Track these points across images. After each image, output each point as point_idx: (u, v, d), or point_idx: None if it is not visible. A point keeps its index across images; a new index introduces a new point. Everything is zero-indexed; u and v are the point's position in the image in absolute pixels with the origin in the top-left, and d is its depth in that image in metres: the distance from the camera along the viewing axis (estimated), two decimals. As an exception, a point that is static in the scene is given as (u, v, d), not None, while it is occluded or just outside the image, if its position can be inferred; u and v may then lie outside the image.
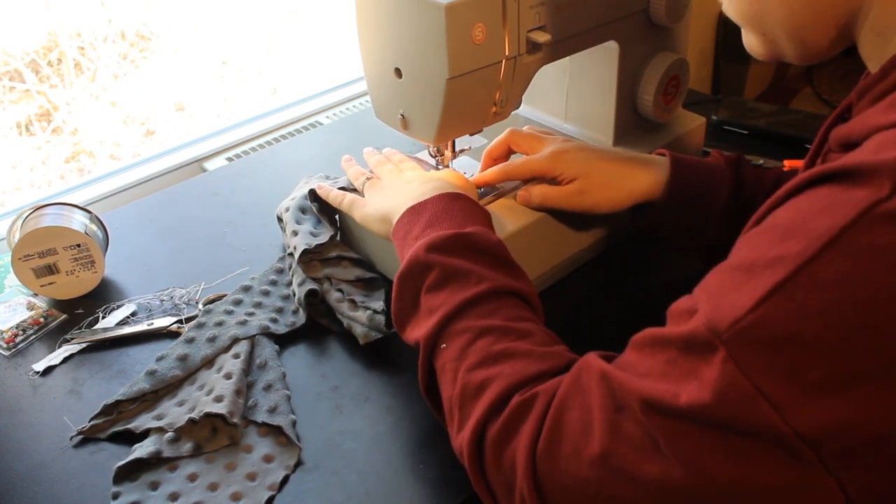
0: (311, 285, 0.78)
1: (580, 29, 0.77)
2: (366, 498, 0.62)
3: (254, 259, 0.88)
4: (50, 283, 0.82)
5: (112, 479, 0.63)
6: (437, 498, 0.62)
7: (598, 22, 0.78)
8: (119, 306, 0.82)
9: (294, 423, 0.67)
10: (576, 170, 0.74)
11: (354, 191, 0.81)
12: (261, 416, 0.67)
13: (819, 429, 0.37)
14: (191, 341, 0.74)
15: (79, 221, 0.83)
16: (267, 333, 0.76)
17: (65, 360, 0.76)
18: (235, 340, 0.74)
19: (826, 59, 0.50)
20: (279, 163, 1.09)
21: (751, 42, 0.53)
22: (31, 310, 0.82)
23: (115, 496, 0.62)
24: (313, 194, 0.84)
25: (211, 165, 1.21)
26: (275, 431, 0.67)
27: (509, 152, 0.81)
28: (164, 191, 1.04)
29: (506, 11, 0.68)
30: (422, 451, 0.66)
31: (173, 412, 0.68)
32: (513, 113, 0.80)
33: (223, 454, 0.65)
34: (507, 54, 0.70)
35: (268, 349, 0.74)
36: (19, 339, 0.78)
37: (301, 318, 0.78)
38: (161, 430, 0.66)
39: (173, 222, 0.96)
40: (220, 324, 0.76)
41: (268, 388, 0.70)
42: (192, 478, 0.63)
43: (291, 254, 0.82)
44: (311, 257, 0.80)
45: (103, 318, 0.80)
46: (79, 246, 0.81)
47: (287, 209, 0.86)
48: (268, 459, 0.64)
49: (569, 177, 0.74)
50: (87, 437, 0.67)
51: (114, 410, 0.69)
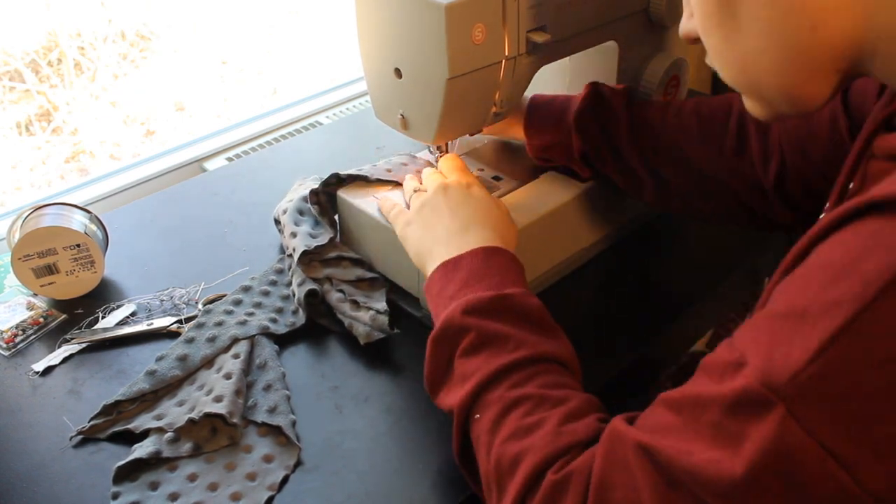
0: (310, 285, 0.78)
1: (580, 29, 0.77)
2: (366, 498, 0.62)
3: (254, 259, 0.88)
4: (50, 283, 0.82)
5: (112, 479, 0.63)
6: (437, 498, 0.62)
7: (597, 22, 0.78)
8: (119, 306, 0.82)
9: (294, 423, 0.67)
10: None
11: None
12: (260, 416, 0.67)
13: (893, 492, 0.34)
14: (190, 341, 0.75)
15: (79, 221, 0.83)
16: (267, 333, 0.76)
17: (65, 360, 0.76)
18: (235, 340, 0.74)
19: (828, 102, 0.48)
20: (279, 163, 1.09)
21: (750, 106, 0.51)
22: (31, 310, 0.82)
23: (115, 496, 0.62)
24: (313, 196, 0.84)
25: (211, 165, 1.21)
26: (274, 431, 0.67)
27: None
28: (164, 191, 1.04)
29: (506, 11, 0.68)
30: (422, 451, 0.66)
31: (173, 412, 0.68)
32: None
33: (223, 454, 0.65)
34: (507, 54, 0.70)
35: (267, 349, 0.74)
36: (19, 339, 0.78)
37: (301, 319, 0.78)
38: (161, 430, 0.66)
39: (173, 222, 0.96)
40: (219, 324, 0.76)
41: (267, 388, 0.70)
42: (192, 478, 0.63)
43: (291, 255, 0.82)
44: (310, 258, 0.80)
45: (103, 318, 0.80)
46: (79, 246, 0.81)
47: (284, 211, 0.86)
48: (267, 459, 0.64)
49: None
50: (87, 437, 0.67)
51: (113, 410, 0.69)
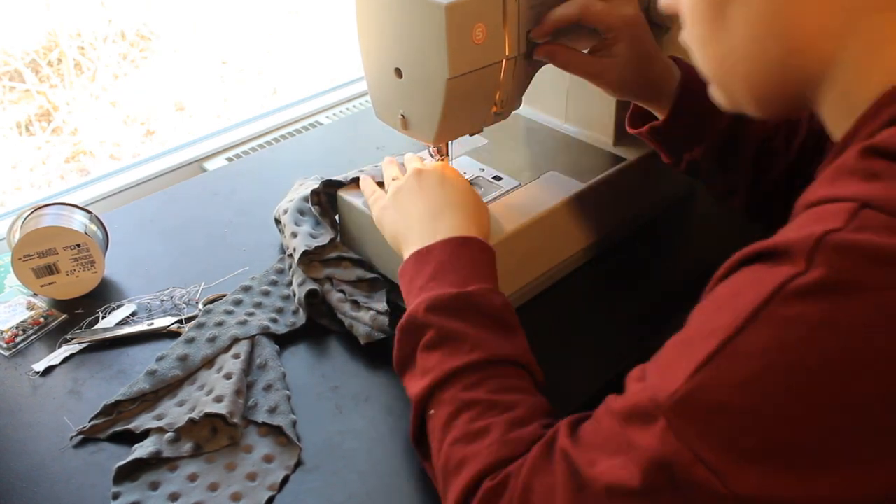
0: (311, 285, 0.78)
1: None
2: (366, 498, 0.62)
3: (254, 259, 0.88)
4: (50, 283, 0.82)
5: (112, 480, 0.63)
6: (438, 498, 0.62)
7: (598, 22, 0.78)
8: (119, 306, 0.82)
9: (294, 423, 0.67)
10: (622, 29, 0.71)
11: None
12: (261, 416, 0.67)
13: (758, 493, 0.38)
14: (191, 341, 0.74)
15: (79, 221, 0.83)
16: (267, 333, 0.76)
17: (65, 360, 0.76)
18: (235, 340, 0.74)
19: (782, 119, 0.53)
20: (279, 163, 1.09)
21: (716, 94, 0.55)
22: (31, 310, 0.82)
23: (116, 496, 0.62)
24: (314, 196, 0.84)
25: (211, 165, 1.21)
26: (275, 431, 0.67)
27: None
28: (164, 191, 1.04)
29: (506, 11, 0.68)
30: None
31: (173, 412, 0.68)
32: (513, 113, 0.80)
33: (223, 454, 0.65)
34: (507, 54, 0.70)
35: (268, 349, 0.74)
36: (19, 339, 0.78)
37: (301, 319, 0.78)
38: (161, 430, 0.66)
39: (173, 222, 0.96)
40: (220, 324, 0.76)
41: (268, 388, 0.70)
42: (193, 478, 0.63)
43: (291, 255, 0.82)
44: (311, 258, 0.80)
45: (103, 318, 0.80)
46: (79, 246, 0.81)
47: (285, 211, 0.86)
48: (268, 459, 0.64)
49: (615, 32, 0.71)
50: (87, 437, 0.67)
51: (114, 410, 0.69)
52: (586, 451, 0.46)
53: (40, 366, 0.75)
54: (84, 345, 0.77)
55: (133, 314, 0.81)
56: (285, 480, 0.63)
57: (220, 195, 1.01)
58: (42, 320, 0.81)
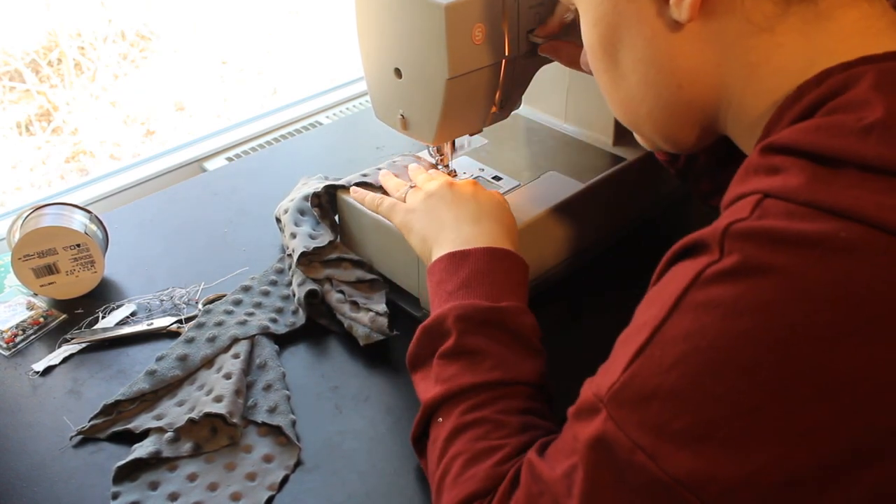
0: (311, 285, 0.78)
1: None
2: (366, 498, 0.62)
3: (254, 259, 0.88)
4: (50, 283, 0.82)
5: (112, 479, 0.63)
6: (437, 498, 0.62)
7: (598, 22, 0.78)
8: (119, 306, 0.82)
9: (294, 423, 0.67)
10: None
11: (374, 188, 0.81)
12: (260, 416, 0.67)
13: (692, 475, 0.39)
14: (190, 341, 0.74)
15: (79, 221, 0.83)
16: (266, 333, 0.76)
17: (64, 360, 0.76)
18: (235, 340, 0.74)
19: (699, 150, 0.57)
20: (279, 163, 1.09)
21: (637, 138, 0.61)
22: (31, 310, 0.82)
23: (115, 496, 0.62)
24: (315, 198, 0.84)
25: (211, 165, 1.21)
26: (274, 431, 0.67)
27: None
28: (164, 191, 1.04)
29: (506, 11, 0.68)
30: (422, 451, 0.66)
31: (173, 412, 0.68)
32: (513, 113, 0.80)
33: (223, 454, 0.65)
34: (507, 54, 0.71)
35: (267, 349, 0.74)
36: (19, 339, 0.78)
37: (301, 319, 0.78)
38: (161, 430, 0.66)
39: (173, 222, 0.96)
40: (219, 324, 0.76)
41: (267, 388, 0.70)
42: (192, 478, 0.63)
43: (291, 255, 0.82)
44: (310, 259, 0.80)
45: (103, 318, 0.80)
46: (79, 246, 0.81)
47: (286, 210, 0.86)
48: (267, 459, 0.64)
49: None
50: (87, 437, 0.67)
51: (113, 410, 0.69)
52: (548, 459, 0.48)
53: (40, 366, 0.75)
54: (84, 345, 0.77)
55: (133, 314, 0.81)
56: (285, 480, 0.63)
57: (220, 195, 1.01)
58: (42, 320, 0.81)
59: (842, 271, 0.38)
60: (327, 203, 0.85)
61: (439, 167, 0.83)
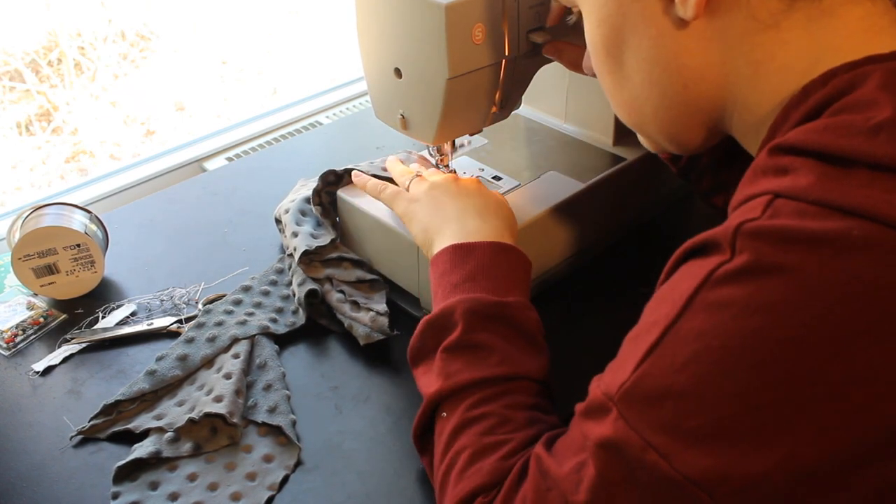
0: (311, 285, 0.78)
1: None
2: (366, 498, 0.62)
3: (254, 259, 0.88)
4: (50, 283, 0.82)
5: (112, 479, 0.63)
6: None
7: (598, 22, 0.78)
8: (119, 306, 0.82)
9: (294, 423, 0.67)
10: None
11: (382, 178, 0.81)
12: (261, 416, 0.67)
13: (705, 473, 0.39)
14: (190, 341, 0.74)
15: (79, 221, 0.83)
16: (266, 333, 0.76)
17: (65, 360, 0.76)
18: (235, 340, 0.74)
19: (703, 150, 0.57)
20: (279, 163, 1.09)
21: (642, 140, 0.61)
22: (31, 310, 0.82)
23: (115, 496, 0.62)
24: (316, 197, 0.84)
25: (211, 165, 1.21)
26: (275, 431, 0.67)
27: None
28: (164, 191, 1.04)
29: (506, 11, 0.68)
30: (422, 451, 0.66)
31: (173, 412, 0.68)
32: (513, 113, 0.80)
33: (223, 454, 0.65)
34: (507, 54, 0.70)
35: (267, 349, 0.74)
36: (19, 339, 0.78)
37: (301, 319, 0.78)
38: (161, 430, 0.66)
39: (173, 222, 0.96)
40: (219, 324, 0.76)
41: (267, 387, 0.70)
42: (192, 478, 0.63)
43: (291, 254, 0.82)
44: (311, 258, 0.80)
45: (103, 318, 0.80)
46: (79, 246, 0.81)
47: (286, 211, 0.86)
48: (268, 459, 0.64)
49: None
50: (87, 437, 0.67)
51: (113, 410, 0.69)
52: (556, 455, 0.48)
53: (40, 366, 0.75)
54: (84, 345, 0.77)
55: (133, 314, 0.81)
56: (285, 480, 0.63)
57: (220, 195, 1.01)
58: (42, 320, 0.81)
59: (854, 269, 0.38)
60: (329, 203, 0.85)
61: (440, 167, 0.83)
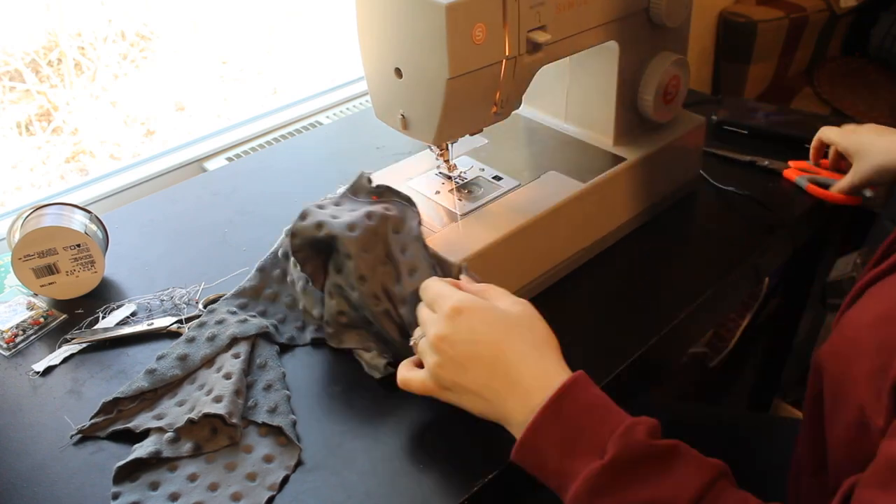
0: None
1: (580, 29, 0.77)
2: (366, 498, 0.62)
3: (254, 259, 0.88)
4: (50, 283, 0.82)
5: (112, 480, 0.63)
6: (437, 498, 0.62)
7: (598, 22, 0.78)
8: (119, 306, 0.82)
9: (294, 424, 0.67)
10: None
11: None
12: (261, 417, 0.67)
13: None
14: (191, 341, 0.74)
15: (79, 221, 0.83)
16: (266, 334, 0.76)
17: (65, 360, 0.76)
18: (235, 340, 0.74)
19: None
20: (279, 163, 1.09)
21: None
22: (31, 310, 0.82)
23: (115, 496, 0.62)
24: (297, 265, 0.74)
25: (211, 165, 1.21)
26: (275, 431, 0.67)
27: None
28: (164, 191, 1.04)
29: (506, 11, 0.68)
30: (422, 451, 0.66)
31: (173, 412, 0.68)
32: (513, 113, 0.80)
33: (223, 454, 0.65)
34: (507, 54, 0.70)
35: (268, 349, 0.74)
36: (19, 339, 0.78)
37: (304, 338, 0.76)
38: (161, 430, 0.66)
39: (173, 222, 0.96)
40: (220, 322, 0.76)
41: (268, 387, 0.70)
42: (193, 478, 0.63)
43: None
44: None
45: (103, 318, 0.80)
46: (79, 246, 0.81)
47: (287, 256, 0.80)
48: (268, 459, 0.64)
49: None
50: (87, 437, 0.67)
51: (113, 409, 0.69)
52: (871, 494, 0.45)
53: (40, 366, 0.75)
54: (84, 345, 0.77)
55: (133, 314, 0.81)
56: (285, 480, 0.63)
57: (221, 195, 1.01)
58: (42, 320, 0.81)
59: None
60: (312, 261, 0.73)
61: (439, 161, 0.83)
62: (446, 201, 0.80)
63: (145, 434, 0.66)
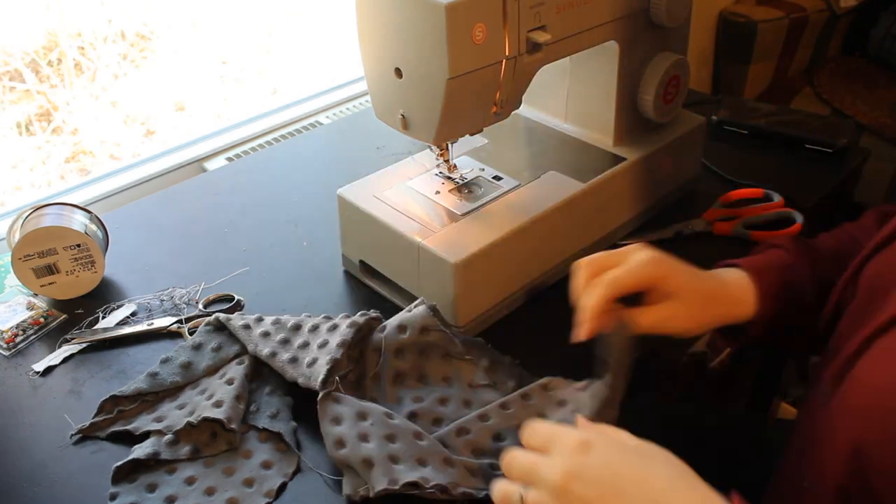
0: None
1: (580, 29, 0.77)
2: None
3: (254, 259, 0.88)
4: (50, 283, 0.82)
5: (110, 480, 0.63)
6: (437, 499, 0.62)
7: (598, 22, 0.78)
8: (119, 306, 0.82)
9: (295, 431, 0.67)
10: (673, 286, 0.64)
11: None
12: (262, 422, 0.67)
13: None
14: (198, 348, 0.73)
15: (79, 221, 0.83)
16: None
17: (65, 360, 0.76)
18: (238, 355, 0.72)
19: None
20: (279, 163, 1.09)
21: None
22: (31, 310, 0.82)
23: (113, 497, 0.62)
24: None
25: (211, 165, 1.21)
26: (275, 437, 0.66)
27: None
28: (164, 191, 1.04)
29: (506, 11, 0.68)
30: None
31: (173, 415, 0.68)
32: (513, 113, 0.80)
33: (222, 458, 0.65)
34: (507, 54, 0.70)
35: None
36: (19, 339, 0.78)
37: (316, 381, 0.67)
38: (160, 432, 0.66)
39: (173, 222, 0.96)
40: (230, 335, 0.73)
41: (271, 392, 0.70)
42: (190, 481, 0.63)
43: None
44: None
45: (103, 318, 0.80)
46: (79, 246, 0.81)
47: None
48: (266, 465, 0.64)
49: (663, 293, 0.64)
50: (88, 437, 0.67)
51: (113, 408, 0.69)
52: None
53: (40, 366, 0.75)
54: (84, 345, 0.77)
55: (133, 314, 0.81)
56: (282, 488, 0.63)
57: (220, 195, 1.01)
58: (42, 320, 0.81)
59: None
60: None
61: (439, 161, 0.83)
62: (446, 201, 0.80)
63: (145, 436, 0.66)
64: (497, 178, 0.84)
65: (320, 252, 0.89)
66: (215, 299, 0.81)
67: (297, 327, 0.72)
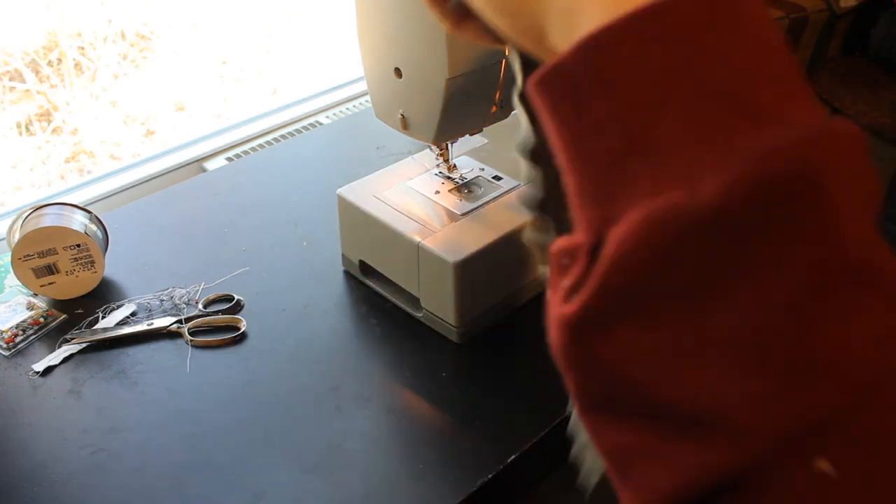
0: None
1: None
2: (366, 498, 0.62)
3: (254, 259, 0.88)
4: (50, 283, 0.82)
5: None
6: (437, 498, 0.62)
7: (598, 22, 0.78)
8: (119, 306, 0.82)
9: None
10: None
11: None
12: None
13: None
14: None
15: (79, 221, 0.83)
16: None
17: (65, 360, 0.76)
18: None
19: None
20: (279, 163, 1.09)
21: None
22: (31, 310, 0.82)
23: None
24: None
25: (211, 165, 1.21)
26: None
27: None
28: (164, 191, 1.04)
29: (506, 11, 0.68)
30: (422, 451, 0.66)
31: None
32: (513, 113, 0.80)
33: None
34: (507, 54, 0.70)
35: None
36: (19, 339, 0.78)
37: None
38: None
39: (173, 222, 0.96)
40: None
41: None
42: None
43: None
44: None
45: (103, 318, 0.80)
46: (79, 246, 0.81)
47: None
48: None
49: None
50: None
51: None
52: None
53: (40, 366, 0.75)
54: (84, 345, 0.77)
55: (133, 314, 0.81)
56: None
57: (220, 195, 1.01)
58: (42, 320, 0.81)
59: None
60: None
61: (439, 161, 0.83)
62: (446, 201, 0.80)
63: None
64: (497, 178, 0.84)
65: (320, 252, 0.89)
66: (215, 299, 0.81)
67: None
